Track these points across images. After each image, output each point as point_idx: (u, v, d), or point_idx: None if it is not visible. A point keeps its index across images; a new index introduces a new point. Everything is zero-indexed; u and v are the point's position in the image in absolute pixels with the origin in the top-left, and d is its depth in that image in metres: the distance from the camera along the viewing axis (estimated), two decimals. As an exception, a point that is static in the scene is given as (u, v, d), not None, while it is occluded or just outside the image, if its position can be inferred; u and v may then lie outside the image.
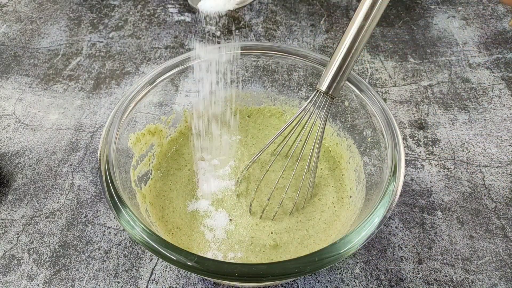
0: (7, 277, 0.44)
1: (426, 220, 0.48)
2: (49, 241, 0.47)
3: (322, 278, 0.44)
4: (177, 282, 0.44)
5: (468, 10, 0.79)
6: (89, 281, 0.43)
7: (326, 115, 0.42)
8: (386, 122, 0.40)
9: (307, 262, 0.31)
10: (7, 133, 0.58)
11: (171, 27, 0.77)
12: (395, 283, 0.43)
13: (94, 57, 0.71)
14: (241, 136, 0.53)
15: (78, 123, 0.59)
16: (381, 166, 0.40)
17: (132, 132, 0.44)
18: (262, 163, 0.50)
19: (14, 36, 0.75)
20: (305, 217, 0.45)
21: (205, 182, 0.48)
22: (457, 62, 0.69)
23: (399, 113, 0.61)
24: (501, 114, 0.60)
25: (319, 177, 0.49)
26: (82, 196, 0.51)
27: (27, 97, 0.63)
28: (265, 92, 0.55)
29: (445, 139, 0.57)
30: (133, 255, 0.46)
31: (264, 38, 0.75)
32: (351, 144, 0.49)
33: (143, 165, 0.46)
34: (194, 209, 0.45)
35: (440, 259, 0.45)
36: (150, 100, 0.46)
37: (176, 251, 0.31)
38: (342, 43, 0.39)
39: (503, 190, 0.51)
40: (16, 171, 0.54)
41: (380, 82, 0.66)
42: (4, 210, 0.50)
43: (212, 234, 0.43)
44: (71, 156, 0.55)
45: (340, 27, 0.77)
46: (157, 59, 0.70)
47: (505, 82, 0.65)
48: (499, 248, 0.46)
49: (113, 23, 0.78)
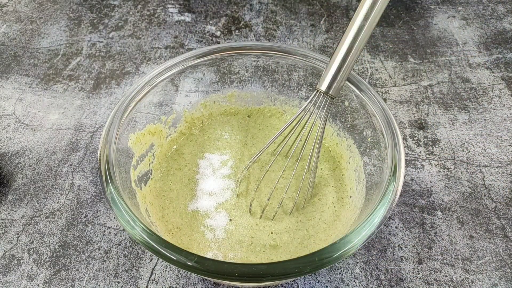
0: (7, 277, 0.44)
1: (426, 220, 0.48)
2: (49, 241, 0.47)
3: (322, 278, 0.44)
4: (177, 282, 0.44)
5: (468, 10, 0.79)
6: (89, 281, 0.43)
7: (326, 115, 0.42)
8: (386, 122, 0.40)
9: (307, 262, 0.31)
10: (7, 133, 0.58)
11: (171, 27, 0.77)
12: (395, 283, 0.43)
13: (94, 57, 0.70)
14: (241, 136, 0.53)
15: (78, 123, 0.59)
16: (381, 166, 0.40)
17: (132, 132, 0.44)
18: (262, 163, 0.50)
19: (14, 36, 0.75)
20: (305, 217, 0.45)
21: (205, 182, 0.48)
22: (457, 62, 0.69)
23: (399, 113, 0.61)
24: (501, 114, 0.60)
25: (319, 177, 0.49)
26: (82, 196, 0.51)
27: (27, 97, 0.63)
28: (265, 92, 0.55)
29: (445, 139, 0.57)
30: (133, 255, 0.46)
31: (264, 38, 0.75)
32: (351, 144, 0.49)
33: (143, 165, 0.46)
34: (194, 209, 0.45)
35: (440, 259, 0.45)
36: (150, 100, 0.46)
37: (176, 251, 0.31)
38: (342, 43, 0.39)
39: (503, 190, 0.51)
40: (16, 171, 0.54)
41: (380, 82, 0.66)
42: (4, 210, 0.50)
43: (212, 234, 0.43)
44: (71, 156, 0.55)
45: (340, 27, 0.77)
46: (157, 59, 0.70)
47: (505, 82, 0.65)
48: (499, 248, 0.46)
49: (113, 23, 0.78)
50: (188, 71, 0.48)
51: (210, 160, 0.50)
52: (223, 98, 0.54)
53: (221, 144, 0.52)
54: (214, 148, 0.52)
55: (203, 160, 0.50)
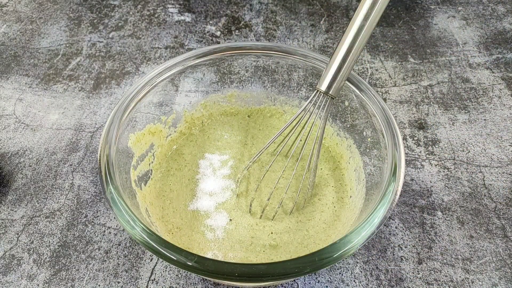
0: (7, 277, 0.44)
1: (426, 220, 0.48)
2: (49, 241, 0.47)
3: (322, 278, 0.44)
4: (177, 282, 0.44)
5: (468, 10, 0.79)
6: (89, 281, 0.43)
7: (326, 115, 0.42)
8: (386, 122, 0.40)
9: (307, 262, 0.31)
10: (7, 133, 0.58)
11: (171, 27, 0.77)
12: (395, 283, 0.43)
13: (94, 57, 0.70)
14: (241, 136, 0.53)
15: (78, 123, 0.59)
16: (381, 166, 0.40)
17: (132, 132, 0.44)
18: (262, 163, 0.50)
19: (14, 36, 0.75)
20: (305, 217, 0.45)
21: (205, 182, 0.48)
22: (457, 62, 0.69)
23: (399, 113, 0.61)
24: (501, 114, 0.60)
25: (319, 177, 0.49)
26: (82, 196, 0.51)
27: (27, 97, 0.63)
28: (265, 92, 0.55)
29: (445, 139, 0.57)
30: (133, 255, 0.46)
31: (264, 38, 0.75)
32: (351, 144, 0.49)
33: (143, 165, 0.46)
34: (194, 209, 0.45)
35: (440, 259, 0.45)
36: (150, 100, 0.46)
37: (176, 251, 0.31)
38: (342, 43, 0.39)
39: (503, 190, 0.51)
40: (16, 171, 0.54)
41: (380, 82, 0.66)
42: (4, 210, 0.50)
43: (212, 234, 0.43)
44: (71, 156, 0.55)
45: (340, 27, 0.77)
46: (157, 59, 0.70)
47: (505, 82, 0.65)
48: (499, 248, 0.46)
49: (113, 23, 0.78)
50: (188, 71, 0.48)
51: (210, 160, 0.50)
52: (223, 98, 0.54)
53: (221, 144, 0.52)
54: (214, 148, 0.52)
55: (203, 160, 0.50)
